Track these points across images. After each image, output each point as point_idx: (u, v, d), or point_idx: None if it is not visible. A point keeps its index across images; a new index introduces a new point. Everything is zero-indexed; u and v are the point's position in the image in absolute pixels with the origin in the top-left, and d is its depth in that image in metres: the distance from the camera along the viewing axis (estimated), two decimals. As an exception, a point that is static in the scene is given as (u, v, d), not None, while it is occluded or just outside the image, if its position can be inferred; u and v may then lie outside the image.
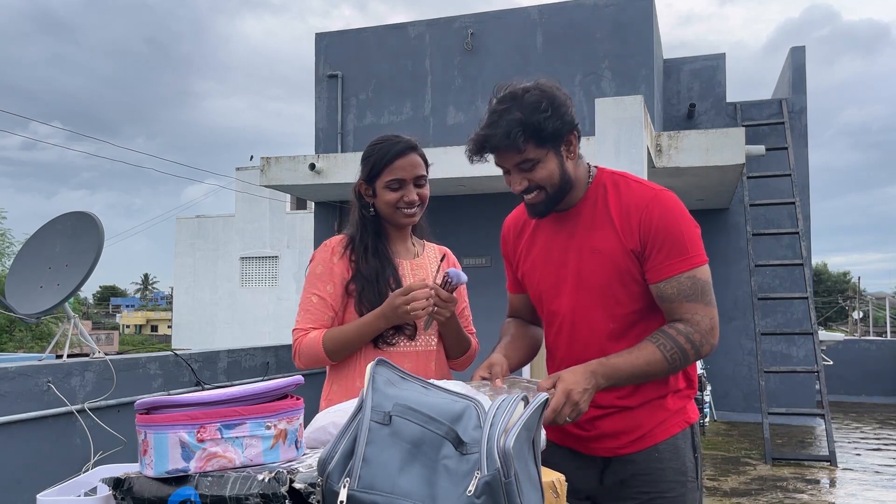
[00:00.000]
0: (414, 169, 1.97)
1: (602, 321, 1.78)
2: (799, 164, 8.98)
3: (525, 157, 1.70)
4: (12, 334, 22.13)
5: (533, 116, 1.65)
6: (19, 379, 3.61)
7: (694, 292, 1.70)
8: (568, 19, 8.43)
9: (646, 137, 6.02)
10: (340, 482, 1.13)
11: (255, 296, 25.40)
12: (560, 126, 1.70)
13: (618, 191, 1.79)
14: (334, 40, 9.38)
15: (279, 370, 6.29)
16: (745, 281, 9.04)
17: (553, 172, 1.72)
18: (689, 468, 1.79)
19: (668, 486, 1.75)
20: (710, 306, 1.71)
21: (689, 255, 1.72)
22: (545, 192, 1.74)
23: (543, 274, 1.87)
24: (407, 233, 2.07)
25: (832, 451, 6.78)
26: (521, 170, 1.72)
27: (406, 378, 1.32)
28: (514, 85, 1.72)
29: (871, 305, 40.14)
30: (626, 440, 1.77)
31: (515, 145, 1.66)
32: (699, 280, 1.72)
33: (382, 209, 1.99)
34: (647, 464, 1.76)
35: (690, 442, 1.81)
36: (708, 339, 1.70)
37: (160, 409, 1.26)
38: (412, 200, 1.96)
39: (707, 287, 1.72)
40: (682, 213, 1.77)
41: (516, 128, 1.65)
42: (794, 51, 9.64)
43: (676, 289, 1.71)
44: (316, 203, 9.29)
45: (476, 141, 1.72)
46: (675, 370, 1.71)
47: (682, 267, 1.71)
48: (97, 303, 73.11)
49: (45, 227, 4.05)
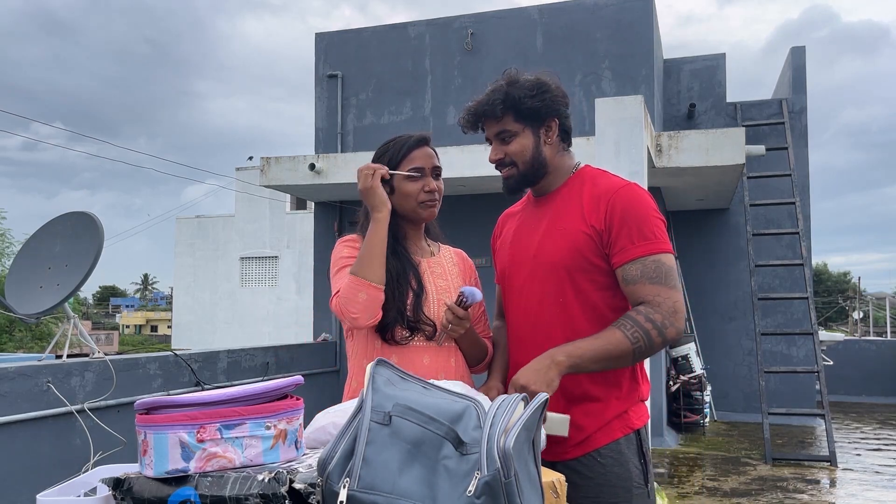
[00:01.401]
0: (431, 159, 1.96)
1: (550, 299, 1.81)
2: (799, 164, 8.98)
3: (503, 126, 1.84)
4: (12, 334, 22.13)
5: (517, 92, 1.81)
6: (19, 379, 3.61)
7: (658, 275, 1.72)
8: (568, 19, 8.43)
9: (646, 137, 6.02)
10: (340, 482, 1.13)
11: (255, 296, 25.39)
12: (540, 107, 1.83)
13: (594, 182, 1.86)
14: (334, 40, 9.38)
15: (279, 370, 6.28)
16: (745, 281, 9.04)
17: (526, 149, 1.84)
18: (633, 474, 1.76)
19: (611, 491, 1.74)
20: (673, 290, 1.72)
21: (655, 240, 1.75)
22: (517, 168, 1.86)
23: (510, 251, 1.95)
24: (421, 232, 2.04)
25: (832, 451, 6.77)
26: (499, 139, 1.87)
27: (406, 378, 1.32)
28: (521, 72, 1.87)
29: (871, 305, 40.13)
30: (567, 445, 1.77)
31: (494, 112, 1.83)
32: (664, 265, 1.73)
33: (403, 204, 1.94)
34: (590, 468, 1.76)
35: (636, 448, 1.80)
36: (671, 320, 1.69)
37: (160, 410, 1.26)
38: (433, 189, 1.94)
39: (672, 273, 1.73)
40: (651, 204, 1.81)
41: (499, 97, 1.82)
42: (794, 51, 9.64)
43: (640, 271, 1.73)
44: (316, 203, 9.29)
45: (466, 109, 1.89)
46: (641, 354, 1.70)
47: (647, 249, 1.74)
48: (97, 303, 73.09)
49: (45, 228, 4.05)
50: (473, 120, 1.89)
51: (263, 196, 22.43)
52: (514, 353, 1.90)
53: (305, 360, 7.60)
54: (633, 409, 1.82)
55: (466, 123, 1.90)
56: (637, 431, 1.81)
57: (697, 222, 9.54)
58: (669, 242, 1.78)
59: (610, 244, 1.75)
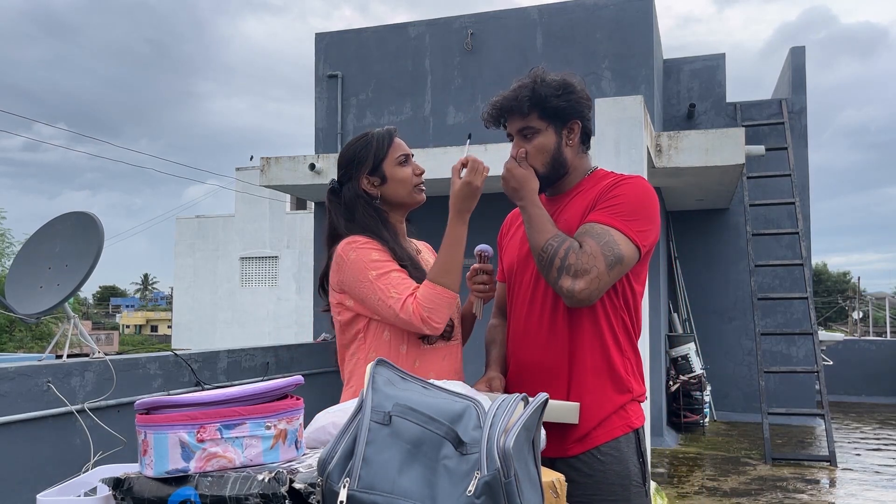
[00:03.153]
0: (407, 147, 2.01)
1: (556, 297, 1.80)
2: (799, 164, 8.98)
3: (527, 123, 1.85)
4: (12, 334, 22.14)
5: (544, 90, 1.83)
6: (19, 379, 3.61)
7: (598, 236, 1.71)
8: (568, 19, 8.43)
9: (646, 137, 6.02)
10: (340, 482, 1.13)
11: (255, 296, 25.39)
12: (565, 107, 1.84)
13: (605, 181, 1.88)
14: (334, 40, 9.38)
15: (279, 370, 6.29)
16: (744, 281, 9.04)
17: (548, 147, 1.85)
18: (633, 472, 1.79)
19: (610, 488, 1.76)
20: (602, 254, 1.68)
21: (626, 220, 1.74)
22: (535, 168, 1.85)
23: (519, 248, 1.95)
24: (404, 228, 2.06)
25: (832, 451, 6.77)
26: (522, 136, 1.87)
27: (406, 378, 1.32)
28: (547, 71, 1.89)
29: (870, 305, 40.11)
30: (568, 442, 1.78)
31: (521, 108, 1.83)
32: (614, 237, 1.71)
33: (398, 191, 1.95)
34: (590, 466, 1.77)
35: (635, 447, 1.82)
36: (578, 276, 1.67)
37: (160, 410, 1.26)
38: (421, 171, 2.00)
39: (616, 249, 1.70)
40: (650, 194, 1.81)
41: (526, 93, 1.83)
42: (793, 51, 9.64)
43: (587, 229, 1.75)
44: (316, 203, 9.29)
45: (491, 104, 1.90)
46: (542, 261, 1.73)
47: (612, 222, 1.74)
48: (97, 303, 73.07)
49: (45, 227, 4.04)
50: (497, 114, 1.90)
51: (263, 196, 22.44)
52: (517, 349, 1.91)
53: (305, 360, 7.60)
54: (631, 407, 1.83)
55: (490, 118, 1.91)
56: (636, 431, 1.83)
57: (697, 222, 9.53)
58: (646, 238, 1.76)
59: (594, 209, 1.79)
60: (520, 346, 1.90)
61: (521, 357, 1.87)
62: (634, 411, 1.84)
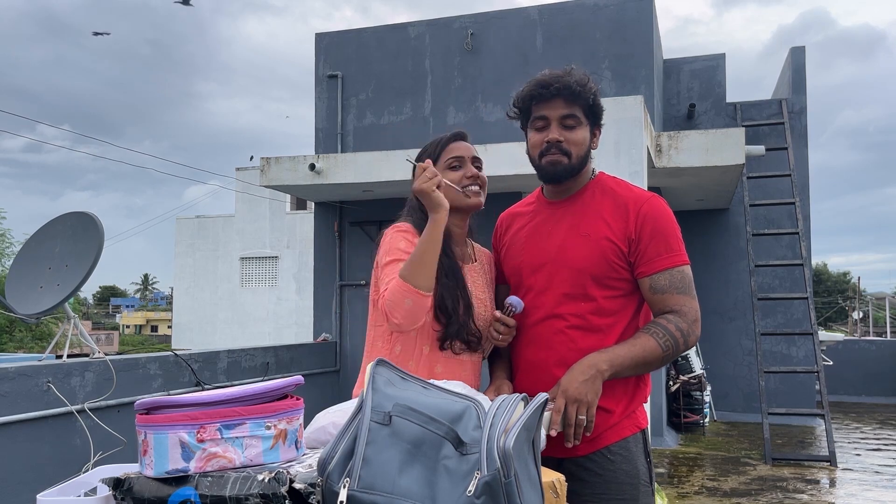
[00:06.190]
0: (469, 150, 2.02)
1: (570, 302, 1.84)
2: (799, 164, 8.98)
3: (574, 111, 1.85)
4: (12, 334, 22.14)
5: (592, 88, 1.87)
6: (19, 379, 3.61)
7: (684, 286, 1.82)
8: (568, 19, 8.43)
9: (646, 137, 6.02)
10: (340, 482, 1.13)
11: (255, 296, 25.38)
12: (598, 112, 1.91)
13: (614, 190, 1.91)
14: (334, 40, 9.38)
15: (279, 370, 6.28)
16: (745, 281, 9.04)
17: (584, 141, 1.88)
18: (641, 471, 1.82)
19: (619, 487, 1.78)
20: (695, 300, 1.84)
21: (681, 252, 1.85)
22: (569, 158, 1.86)
23: (526, 248, 1.95)
24: (466, 228, 2.04)
25: (832, 451, 6.77)
26: (562, 125, 1.86)
27: (406, 378, 1.32)
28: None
29: (870, 306, 40.11)
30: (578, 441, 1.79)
31: (580, 94, 1.84)
32: (687, 276, 1.85)
33: (447, 195, 1.92)
34: (600, 465, 1.79)
35: (643, 447, 1.86)
36: (694, 329, 1.80)
37: (160, 410, 1.26)
38: (474, 174, 1.99)
39: (692, 283, 1.86)
40: (673, 217, 1.90)
41: (587, 81, 1.86)
42: (793, 51, 9.64)
43: (669, 280, 1.81)
44: (316, 203, 9.29)
45: (540, 80, 1.86)
46: (668, 359, 1.78)
47: (675, 261, 1.83)
48: (97, 303, 73.08)
49: (46, 228, 4.05)
50: (555, 91, 1.83)
51: (264, 196, 22.44)
52: (526, 351, 1.91)
53: (305, 360, 7.61)
54: (639, 409, 1.88)
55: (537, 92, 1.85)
56: (643, 431, 1.87)
57: (697, 222, 9.53)
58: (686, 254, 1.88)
59: (638, 254, 1.82)
60: (531, 348, 1.90)
61: (534, 359, 1.87)
62: (641, 412, 1.88)
